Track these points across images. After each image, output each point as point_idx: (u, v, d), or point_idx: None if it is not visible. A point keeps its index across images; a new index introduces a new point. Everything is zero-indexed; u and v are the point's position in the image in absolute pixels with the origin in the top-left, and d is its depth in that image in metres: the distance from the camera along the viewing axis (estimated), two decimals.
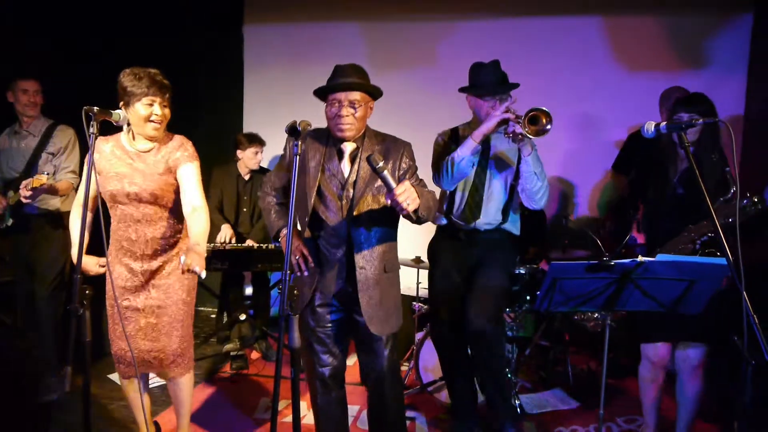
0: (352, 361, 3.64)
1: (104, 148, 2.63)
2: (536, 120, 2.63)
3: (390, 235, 2.50)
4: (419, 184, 2.46)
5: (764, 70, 4.49)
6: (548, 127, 2.61)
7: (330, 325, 2.52)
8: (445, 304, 3.05)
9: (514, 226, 3.04)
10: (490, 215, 2.96)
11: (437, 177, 2.92)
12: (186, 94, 2.58)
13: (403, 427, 2.72)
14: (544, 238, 4.41)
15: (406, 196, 2.13)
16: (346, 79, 2.38)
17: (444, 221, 3.05)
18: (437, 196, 2.57)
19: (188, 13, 5.20)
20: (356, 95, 2.37)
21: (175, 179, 2.61)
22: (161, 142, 2.63)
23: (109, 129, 2.43)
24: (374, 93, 2.44)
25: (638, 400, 3.00)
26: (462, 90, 3.00)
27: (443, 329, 3.09)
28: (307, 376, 2.62)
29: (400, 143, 2.50)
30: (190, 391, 2.81)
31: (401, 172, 2.45)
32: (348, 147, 2.44)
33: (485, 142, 2.85)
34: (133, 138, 2.62)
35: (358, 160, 2.42)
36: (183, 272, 2.29)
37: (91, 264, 2.58)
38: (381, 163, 2.16)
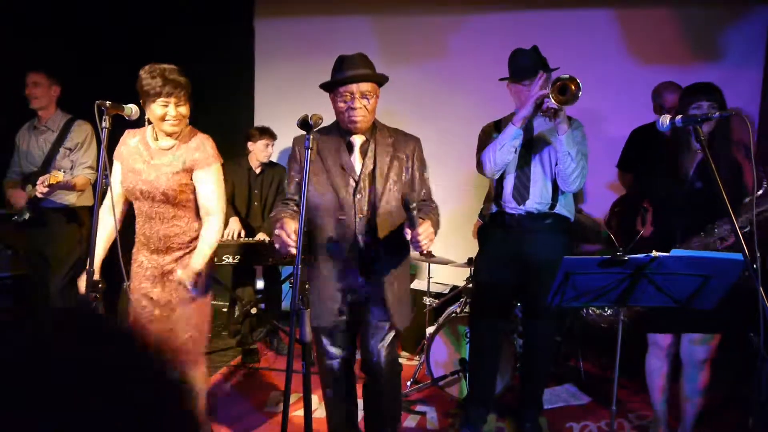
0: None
1: (130, 141, 2.63)
2: (565, 89, 2.59)
3: (400, 226, 2.48)
4: (423, 188, 2.48)
5: None
6: (579, 94, 2.56)
7: (340, 316, 2.50)
8: (490, 299, 3.07)
9: (566, 209, 2.97)
10: (538, 196, 2.91)
11: (480, 166, 2.90)
12: (196, 88, 2.57)
13: (398, 413, 2.75)
14: None
15: (426, 236, 2.14)
16: (357, 70, 2.33)
17: (494, 209, 3.02)
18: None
19: (199, 6, 5.21)
20: (368, 86, 2.33)
21: (192, 180, 2.60)
22: (182, 139, 2.61)
23: (122, 123, 2.44)
24: (382, 82, 2.42)
25: (649, 395, 2.98)
26: (502, 79, 2.97)
27: (484, 320, 3.11)
28: (318, 368, 2.63)
29: (410, 138, 2.49)
30: (200, 387, 2.81)
31: (413, 169, 2.45)
32: (357, 140, 2.42)
33: (527, 125, 2.81)
34: (157, 136, 2.61)
35: (370, 153, 2.41)
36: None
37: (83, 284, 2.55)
38: (414, 204, 2.12)
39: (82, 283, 2.57)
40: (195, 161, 2.58)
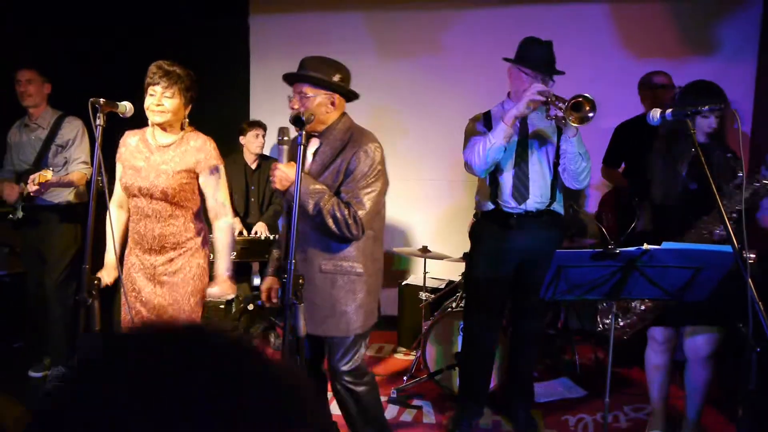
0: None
1: (130, 141, 2.64)
2: (579, 107, 2.52)
3: (330, 237, 2.32)
4: (360, 201, 2.25)
5: None
6: (591, 114, 2.50)
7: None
8: (486, 295, 3.04)
9: (560, 205, 2.99)
10: (538, 194, 2.88)
11: (469, 166, 2.82)
12: None
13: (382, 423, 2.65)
14: None
15: (277, 175, 2.20)
16: (299, 71, 2.32)
17: (491, 206, 2.96)
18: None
19: (194, 3, 5.20)
20: (303, 87, 2.29)
21: (194, 180, 2.60)
22: (183, 138, 2.60)
23: (116, 121, 2.43)
24: (327, 86, 2.30)
25: (645, 388, 3.00)
26: (507, 60, 2.89)
27: (479, 317, 3.09)
28: None
29: (359, 142, 2.30)
30: None
31: (342, 176, 2.29)
32: (312, 146, 2.34)
33: (523, 120, 2.79)
34: (155, 133, 2.62)
35: (316, 157, 2.35)
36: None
37: (106, 274, 2.60)
38: (285, 138, 2.19)
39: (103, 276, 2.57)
40: (198, 162, 2.57)
